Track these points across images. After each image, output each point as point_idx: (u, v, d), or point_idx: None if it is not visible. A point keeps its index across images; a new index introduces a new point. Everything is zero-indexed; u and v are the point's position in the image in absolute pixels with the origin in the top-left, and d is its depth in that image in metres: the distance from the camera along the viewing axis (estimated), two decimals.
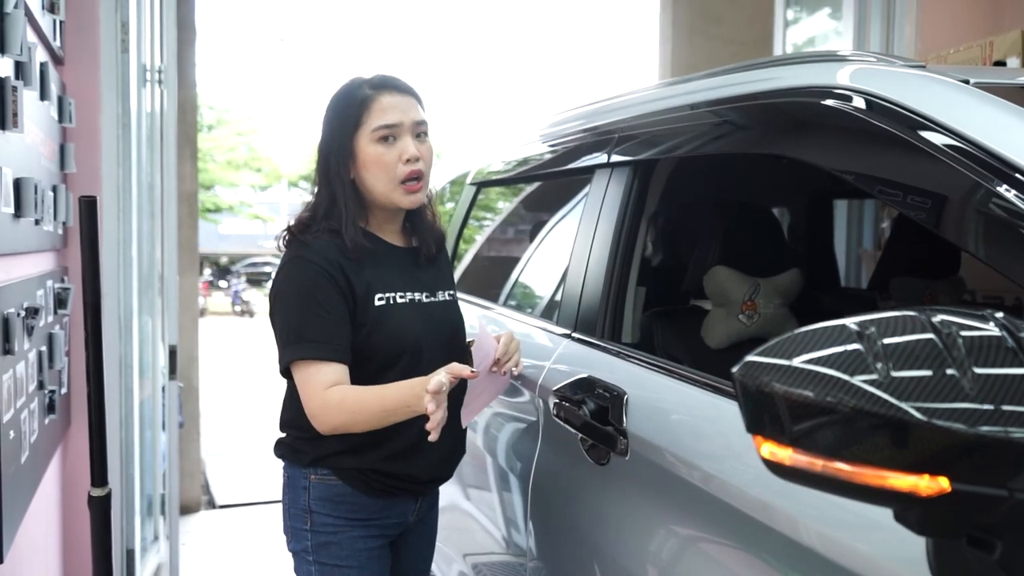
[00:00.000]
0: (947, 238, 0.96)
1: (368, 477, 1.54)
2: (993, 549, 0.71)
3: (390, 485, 1.56)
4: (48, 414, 2.11)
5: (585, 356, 1.62)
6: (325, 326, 1.45)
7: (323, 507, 1.54)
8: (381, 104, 1.52)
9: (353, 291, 1.48)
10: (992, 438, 0.66)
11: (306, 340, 1.45)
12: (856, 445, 0.71)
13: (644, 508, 1.32)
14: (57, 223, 2.28)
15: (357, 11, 21.55)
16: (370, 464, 1.52)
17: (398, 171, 1.51)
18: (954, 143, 0.97)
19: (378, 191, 1.53)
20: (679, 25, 4.93)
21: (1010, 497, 0.67)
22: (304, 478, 1.56)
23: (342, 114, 1.54)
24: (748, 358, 0.75)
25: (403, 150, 1.51)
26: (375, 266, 1.53)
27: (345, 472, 1.54)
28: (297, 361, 1.45)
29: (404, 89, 1.56)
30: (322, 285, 1.46)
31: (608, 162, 1.73)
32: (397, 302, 1.53)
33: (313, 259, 1.47)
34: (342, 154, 1.53)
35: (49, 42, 2.22)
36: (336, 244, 1.50)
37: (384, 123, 1.50)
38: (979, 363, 0.68)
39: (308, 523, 1.55)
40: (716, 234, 1.83)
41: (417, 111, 1.55)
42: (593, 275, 1.68)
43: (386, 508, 1.58)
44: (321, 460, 1.54)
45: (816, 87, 1.20)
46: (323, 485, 1.54)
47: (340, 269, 1.48)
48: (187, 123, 4.18)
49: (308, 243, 1.50)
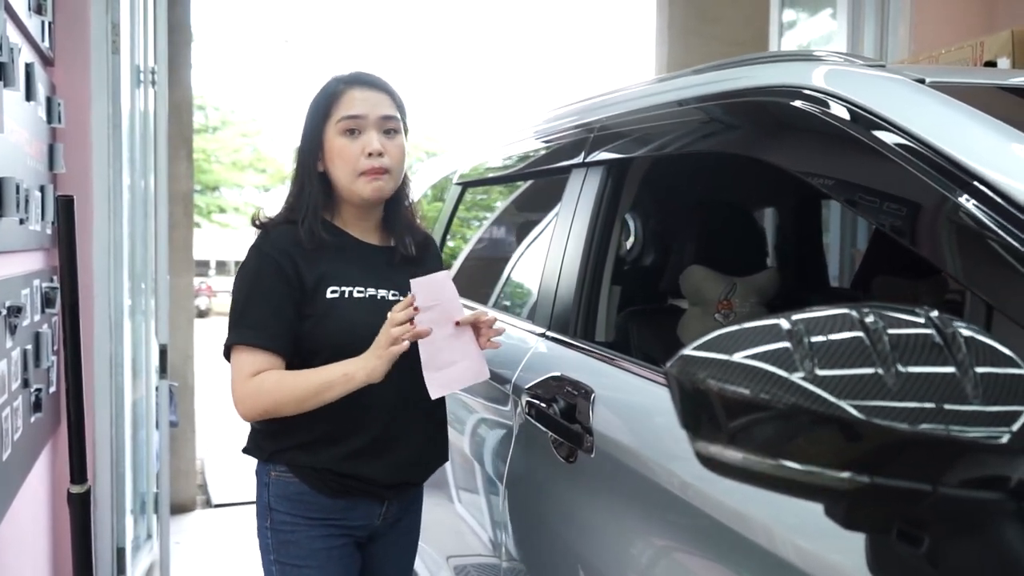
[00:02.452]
0: (895, 236, 0.97)
1: (324, 476, 1.51)
2: (921, 543, 0.72)
3: (348, 486, 1.53)
4: (34, 412, 2.12)
5: (558, 355, 1.63)
6: (263, 314, 1.46)
7: (281, 504, 1.53)
8: (349, 97, 1.52)
9: (302, 281, 1.48)
10: (932, 436, 0.67)
11: (243, 327, 1.46)
12: (792, 442, 0.72)
13: (609, 505, 1.32)
14: (45, 223, 2.30)
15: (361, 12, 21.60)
16: (325, 463, 1.50)
17: (359, 164, 1.51)
18: (904, 142, 0.97)
19: (342, 184, 1.53)
20: (675, 25, 4.93)
21: (934, 492, 0.68)
22: (266, 474, 1.55)
23: (314, 107, 1.55)
24: (683, 352, 0.76)
25: (366, 143, 1.51)
26: (335, 259, 1.52)
27: (301, 470, 1.52)
28: (234, 347, 1.47)
29: (375, 84, 1.56)
30: (268, 274, 1.47)
31: (583, 161, 1.74)
32: (353, 296, 1.51)
33: (266, 248, 1.49)
34: (312, 146, 1.54)
35: (37, 43, 2.24)
36: (293, 233, 1.51)
37: (348, 114, 1.51)
38: (903, 360, 0.69)
39: (268, 520, 1.54)
40: (692, 233, 1.84)
41: (385, 107, 1.54)
42: (567, 274, 1.69)
43: (347, 510, 1.55)
44: (277, 455, 1.53)
45: (775, 87, 1.20)
46: (281, 482, 1.53)
47: (291, 258, 1.48)
48: (183, 124, 4.21)
49: (265, 235, 1.52)
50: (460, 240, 2.76)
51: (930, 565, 0.71)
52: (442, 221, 2.72)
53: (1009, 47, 2.77)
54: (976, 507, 0.69)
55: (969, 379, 0.67)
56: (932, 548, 0.71)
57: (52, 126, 2.40)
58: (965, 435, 0.66)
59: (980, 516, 0.69)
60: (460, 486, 2.02)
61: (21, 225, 1.99)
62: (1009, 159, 0.88)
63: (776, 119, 1.18)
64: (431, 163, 3.48)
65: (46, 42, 2.35)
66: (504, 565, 1.68)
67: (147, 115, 3.11)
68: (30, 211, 2.10)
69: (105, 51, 2.62)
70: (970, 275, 0.88)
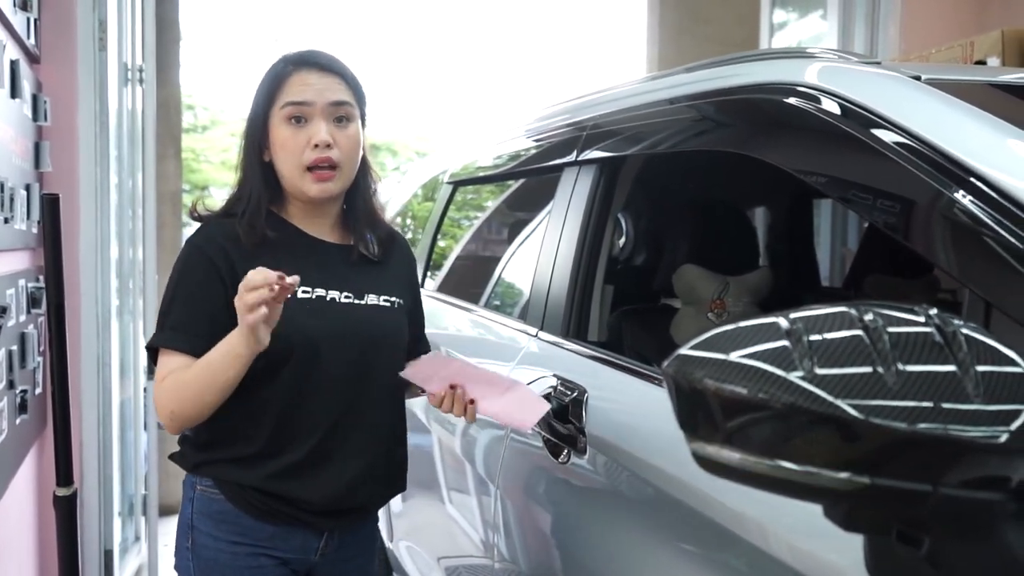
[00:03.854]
0: (894, 235, 0.96)
1: (250, 496, 1.34)
2: (921, 545, 0.71)
3: (276, 509, 1.34)
4: (20, 414, 2.10)
5: (550, 355, 1.62)
6: (186, 314, 1.32)
7: (204, 523, 1.36)
8: (296, 79, 1.36)
9: (236, 279, 1.24)
10: (931, 435, 0.66)
11: (165, 328, 1.33)
12: (790, 442, 0.71)
13: (602, 507, 1.31)
14: (31, 222, 2.27)
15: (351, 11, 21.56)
16: (252, 481, 1.33)
17: (304, 156, 1.34)
18: (902, 139, 0.96)
19: (287, 178, 1.37)
20: (666, 25, 4.93)
21: (934, 492, 0.67)
22: (191, 488, 1.39)
23: (259, 91, 1.39)
24: (680, 352, 0.75)
25: (313, 133, 1.33)
26: (278, 256, 1.31)
27: (227, 485, 1.35)
28: (160, 349, 1.33)
29: (325, 66, 1.38)
30: (197, 271, 1.34)
31: (576, 159, 1.73)
32: (297, 297, 1.32)
33: (198, 243, 1.36)
34: (256, 133, 1.38)
35: (22, 40, 2.22)
36: (231, 228, 1.36)
37: (293, 100, 1.34)
38: (904, 359, 0.68)
39: (189, 540, 1.38)
40: (685, 232, 1.83)
41: (337, 92, 1.36)
42: (560, 273, 1.68)
43: (277, 538, 1.36)
44: (202, 467, 1.37)
45: (772, 84, 1.19)
46: (205, 498, 1.36)
47: (225, 254, 1.33)
48: (171, 122, 4.18)
49: (200, 229, 1.39)
50: (451, 240, 2.74)
51: (931, 567, 0.70)
52: (433, 220, 2.71)
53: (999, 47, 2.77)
54: (977, 508, 0.68)
55: (970, 378, 0.67)
56: (933, 549, 0.70)
57: (38, 124, 2.37)
58: (963, 434, 0.66)
59: (981, 517, 0.68)
60: (451, 487, 2.01)
61: (6, 224, 1.97)
62: (1008, 156, 0.88)
63: (773, 116, 1.17)
64: (422, 163, 3.47)
65: (32, 39, 2.32)
66: (496, 566, 1.67)
67: (135, 113, 3.09)
68: (15, 210, 2.07)
69: (92, 48, 2.60)
70: (972, 274, 0.88)
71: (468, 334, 1.99)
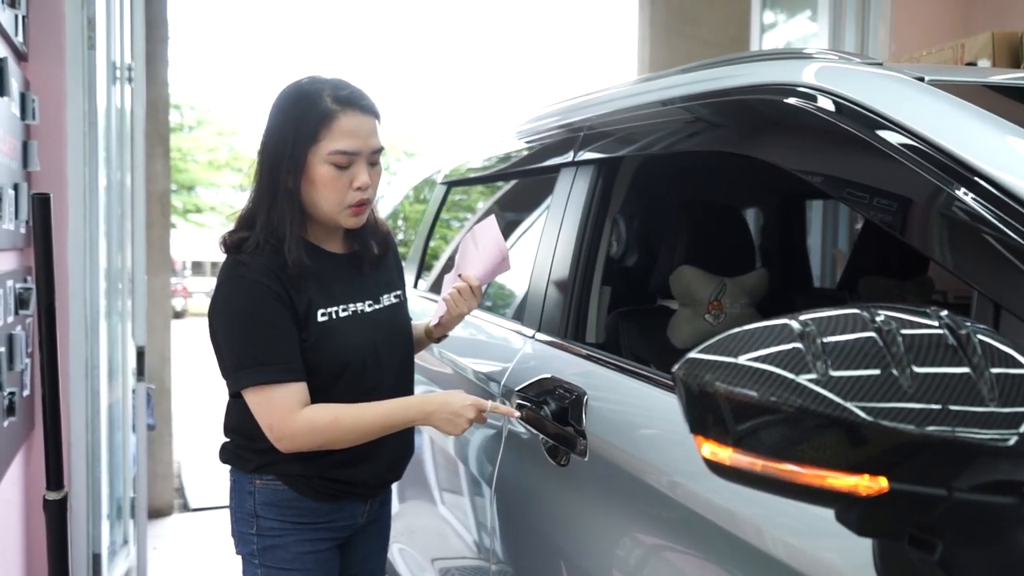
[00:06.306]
0: (893, 233, 0.95)
1: (315, 483, 1.51)
2: (934, 549, 0.70)
3: (338, 490, 1.54)
4: (7, 416, 2.07)
5: (548, 356, 1.61)
6: (277, 346, 1.40)
7: (268, 511, 1.52)
8: (343, 126, 1.41)
9: (295, 309, 1.43)
10: (939, 438, 0.65)
11: (259, 363, 1.39)
12: (800, 445, 0.70)
13: (603, 509, 1.30)
14: (19, 222, 2.24)
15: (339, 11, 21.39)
16: (317, 471, 1.50)
17: (348, 197, 1.45)
18: (908, 140, 0.96)
19: (323, 210, 1.46)
20: (657, 25, 4.93)
21: (949, 497, 0.66)
22: (249, 483, 1.53)
23: (299, 124, 1.42)
24: (690, 355, 0.74)
25: (355, 176, 1.44)
26: (316, 281, 1.47)
27: (291, 478, 1.51)
28: (261, 386, 1.40)
29: (368, 109, 1.46)
30: (267, 303, 1.40)
31: (573, 160, 1.72)
32: (340, 316, 1.48)
33: (254, 277, 1.41)
34: (294, 167, 1.42)
35: (10, 37, 2.19)
36: (276, 262, 1.42)
37: (343, 149, 1.41)
38: (918, 361, 0.67)
39: (254, 527, 1.53)
40: (682, 233, 1.82)
41: (377, 137, 1.47)
42: (557, 275, 1.67)
43: (334, 511, 1.56)
44: (266, 467, 1.51)
45: (774, 84, 1.19)
46: (268, 490, 1.52)
47: (281, 285, 1.42)
48: (159, 122, 4.14)
49: (246, 262, 1.42)
50: (444, 241, 2.72)
51: (944, 572, 0.70)
52: (426, 221, 2.69)
53: (989, 49, 2.79)
54: (991, 512, 0.67)
55: (985, 381, 0.66)
56: (946, 554, 0.69)
57: (26, 123, 2.34)
58: (973, 438, 0.65)
59: (995, 522, 0.68)
60: (448, 489, 1.99)
61: None
62: (1017, 159, 0.87)
63: (777, 117, 1.17)
64: (411, 164, 3.45)
65: (20, 36, 2.29)
66: (493, 568, 1.66)
67: (124, 112, 3.05)
68: (3, 210, 2.04)
69: (81, 46, 2.56)
70: (975, 273, 0.87)
71: (465, 335, 1.98)
